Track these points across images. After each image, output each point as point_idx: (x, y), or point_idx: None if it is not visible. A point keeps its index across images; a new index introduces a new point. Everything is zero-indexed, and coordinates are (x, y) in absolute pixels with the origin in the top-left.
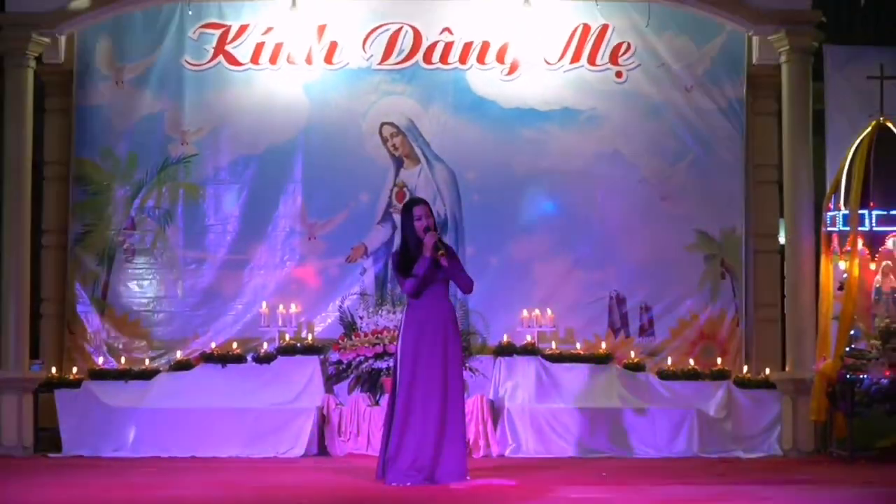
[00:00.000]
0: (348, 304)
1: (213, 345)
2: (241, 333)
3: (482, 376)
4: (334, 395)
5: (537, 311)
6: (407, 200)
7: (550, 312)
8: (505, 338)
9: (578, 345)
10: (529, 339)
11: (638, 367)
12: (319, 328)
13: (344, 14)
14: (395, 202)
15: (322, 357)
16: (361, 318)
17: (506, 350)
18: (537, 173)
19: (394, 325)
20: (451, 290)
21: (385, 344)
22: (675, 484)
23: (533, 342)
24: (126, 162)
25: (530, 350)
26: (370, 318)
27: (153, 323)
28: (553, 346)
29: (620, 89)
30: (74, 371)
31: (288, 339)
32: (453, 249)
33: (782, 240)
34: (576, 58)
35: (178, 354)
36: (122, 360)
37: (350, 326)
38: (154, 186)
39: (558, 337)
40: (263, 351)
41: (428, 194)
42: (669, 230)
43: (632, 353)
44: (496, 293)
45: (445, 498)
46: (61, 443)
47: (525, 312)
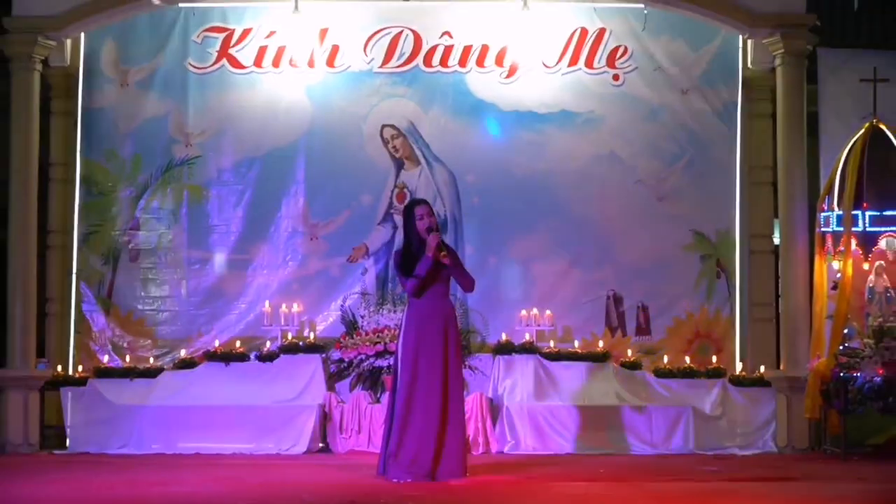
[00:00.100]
0: (350, 304)
1: (217, 343)
2: (245, 332)
3: (481, 374)
4: (336, 393)
5: (536, 311)
6: (409, 201)
7: (549, 312)
8: (504, 336)
9: (576, 343)
10: (528, 338)
11: (635, 366)
12: (321, 327)
13: (345, 18)
14: (396, 203)
15: (324, 355)
16: (363, 317)
17: (505, 349)
18: (536, 174)
19: (394, 324)
20: (451, 290)
21: (386, 342)
22: (672, 480)
23: (531, 341)
24: (131, 163)
25: (529, 349)
26: (371, 317)
27: (158, 322)
28: (551, 345)
29: (617, 92)
30: (80, 369)
31: (290, 338)
32: (453, 249)
33: (777, 240)
34: (573, 61)
35: (182, 353)
36: (127, 359)
37: (351, 325)
38: (159, 188)
39: (556, 336)
40: (266, 349)
41: (428, 195)
42: (666, 231)
43: (629, 352)
44: (495, 293)
45: (445, 494)
46: (67, 440)
47: (524, 311)
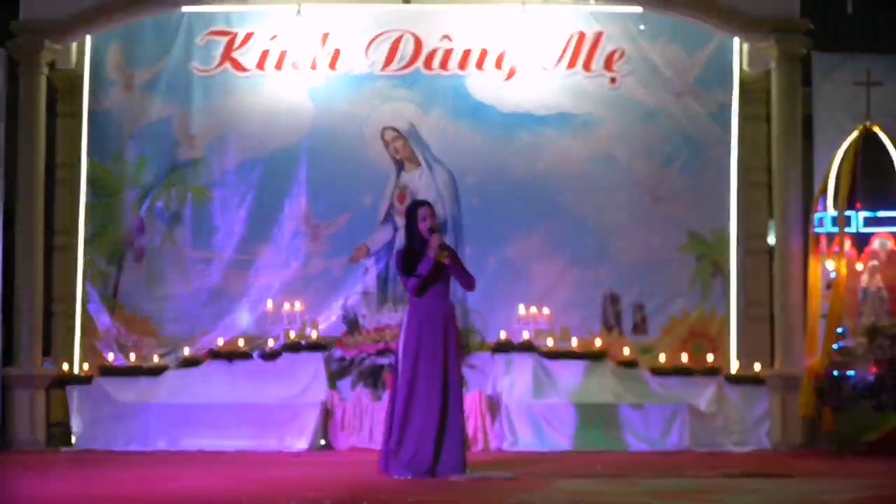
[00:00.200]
0: (351, 303)
1: (221, 342)
2: (248, 331)
3: (481, 373)
4: (338, 391)
5: (534, 310)
6: (412, 202)
7: (547, 311)
8: (503, 335)
9: (574, 342)
10: (526, 337)
11: (631, 364)
12: (323, 326)
13: (347, 22)
14: (397, 204)
15: (326, 354)
16: (364, 316)
17: (504, 347)
18: (534, 176)
19: (395, 323)
20: (451, 289)
21: (387, 341)
22: (668, 477)
23: (530, 339)
24: (136, 165)
25: (527, 347)
26: (372, 316)
27: (162, 321)
28: (549, 344)
29: (614, 95)
30: (86, 367)
31: (293, 337)
32: (454, 249)
33: (772, 240)
34: (571, 64)
35: (187, 351)
36: (132, 357)
37: (353, 324)
38: (163, 189)
39: (554, 334)
40: (269, 348)
41: (429, 196)
42: (662, 231)
43: (625, 350)
44: (494, 292)
45: (446, 490)
46: (72, 437)
47: (522, 310)
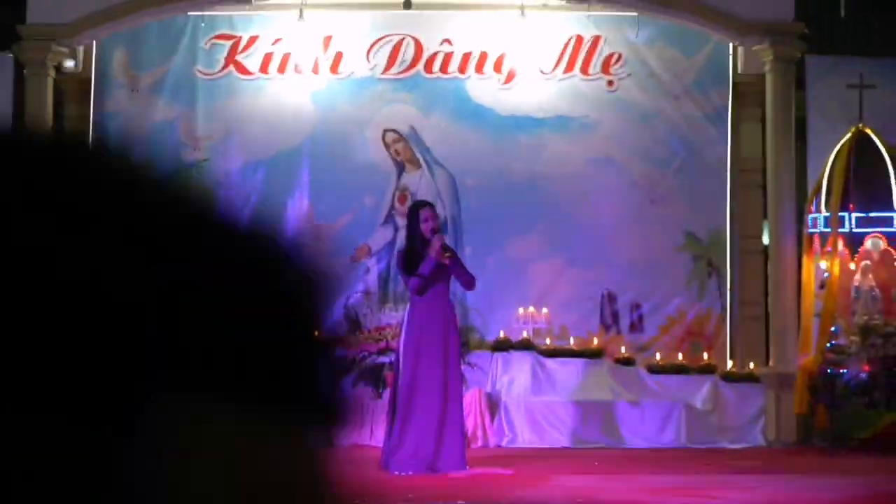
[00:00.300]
0: (352, 302)
1: None
2: None
3: (480, 371)
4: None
5: (532, 309)
6: (414, 203)
7: (545, 310)
8: (501, 334)
9: (572, 341)
10: (525, 336)
11: (628, 362)
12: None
13: (349, 26)
14: (398, 205)
15: None
16: (365, 316)
17: (502, 346)
18: (533, 177)
19: (396, 322)
20: (451, 289)
21: (388, 340)
22: (664, 473)
23: (528, 338)
24: None
25: (526, 346)
26: (373, 316)
27: None
28: (547, 342)
29: (612, 97)
30: None
31: None
32: (454, 249)
33: (766, 241)
34: (569, 67)
35: None
36: None
37: (354, 323)
38: None
39: (552, 333)
40: None
41: (429, 197)
42: (658, 231)
43: (622, 349)
44: (493, 292)
45: (446, 486)
46: None
47: (521, 310)
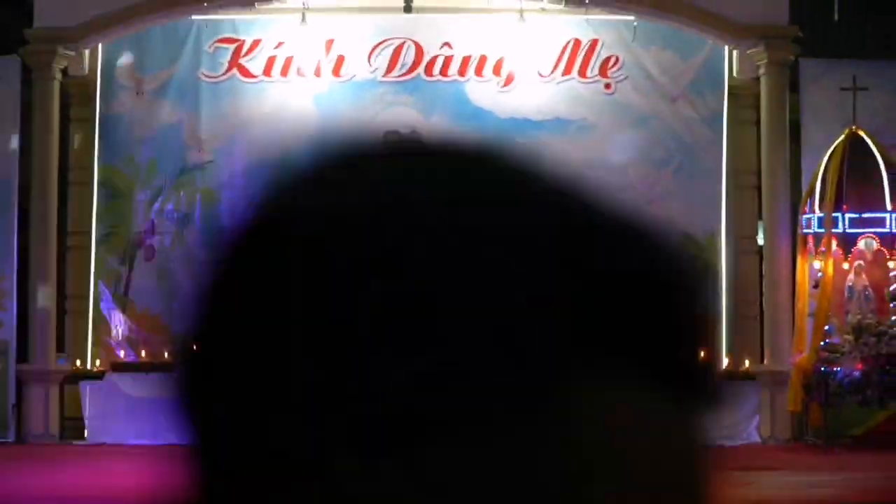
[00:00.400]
0: None
1: None
2: None
3: None
4: None
5: None
6: None
7: None
8: None
9: None
10: None
11: None
12: None
13: (350, 29)
14: None
15: None
16: None
17: None
18: None
19: None
20: None
21: None
22: None
23: None
24: (146, 168)
25: None
26: None
27: (172, 318)
28: None
29: (609, 100)
30: (98, 364)
31: None
32: None
33: (761, 241)
34: (567, 70)
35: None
36: (143, 353)
37: None
38: (173, 191)
39: None
40: None
41: None
42: None
43: None
44: None
45: None
46: (85, 431)
47: None
